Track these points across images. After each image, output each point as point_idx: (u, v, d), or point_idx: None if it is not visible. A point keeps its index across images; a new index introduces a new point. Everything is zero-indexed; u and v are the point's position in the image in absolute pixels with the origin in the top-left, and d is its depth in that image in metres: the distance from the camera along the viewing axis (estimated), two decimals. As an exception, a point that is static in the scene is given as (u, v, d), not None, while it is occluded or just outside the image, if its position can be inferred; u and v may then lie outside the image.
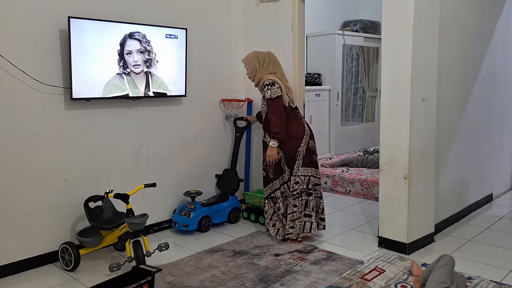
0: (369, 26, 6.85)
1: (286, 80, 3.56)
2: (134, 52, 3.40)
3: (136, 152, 3.62)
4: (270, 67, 3.47)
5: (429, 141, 3.36)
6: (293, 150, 3.39)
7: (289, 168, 3.42)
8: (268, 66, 3.46)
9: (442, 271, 2.49)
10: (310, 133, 3.48)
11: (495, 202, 4.62)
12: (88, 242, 3.06)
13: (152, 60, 3.53)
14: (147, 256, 2.89)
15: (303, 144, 3.40)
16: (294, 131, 3.40)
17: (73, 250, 2.97)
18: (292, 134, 3.39)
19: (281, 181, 3.49)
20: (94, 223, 3.08)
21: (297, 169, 3.38)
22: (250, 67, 3.52)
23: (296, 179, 3.39)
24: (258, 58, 3.48)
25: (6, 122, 2.92)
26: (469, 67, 4.02)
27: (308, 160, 3.42)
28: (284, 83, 3.45)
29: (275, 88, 3.33)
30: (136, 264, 2.74)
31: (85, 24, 3.10)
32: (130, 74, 3.41)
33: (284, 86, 3.41)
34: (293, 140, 3.39)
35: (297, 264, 3.09)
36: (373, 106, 7.31)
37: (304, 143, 3.40)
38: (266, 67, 3.46)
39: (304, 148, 3.39)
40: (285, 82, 3.50)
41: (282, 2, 4.01)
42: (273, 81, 3.36)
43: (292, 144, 3.39)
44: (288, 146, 3.39)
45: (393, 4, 3.16)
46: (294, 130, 3.40)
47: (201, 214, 3.77)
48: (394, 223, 3.30)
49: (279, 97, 3.33)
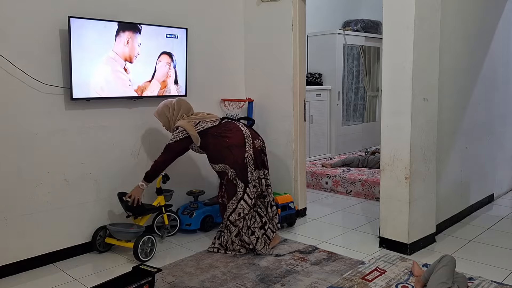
0: (370, 26, 6.84)
1: (195, 113, 3.43)
2: (135, 51, 3.40)
3: (136, 152, 3.62)
4: (176, 113, 3.37)
5: (430, 141, 3.35)
6: (240, 159, 3.22)
7: (242, 178, 3.22)
8: (177, 114, 3.37)
9: (443, 272, 2.48)
10: (252, 133, 3.35)
11: (497, 202, 4.61)
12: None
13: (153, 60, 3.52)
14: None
15: (248, 148, 3.25)
16: (231, 140, 3.24)
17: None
18: (231, 144, 3.23)
19: (234, 203, 3.25)
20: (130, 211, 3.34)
21: (251, 174, 3.24)
22: (162, 120, 3.42)
23: (253, 184, 3.25)
24: (168, 108, 3.38)
25: (6, 122, 2.91)
26: (471, 67, 4.01)
27: (259, 162, 3.31)
28: (190, 120, 3.31)
29: (177, 133, 3.28)
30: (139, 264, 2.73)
31: (85, 24, 3.10)
32: (131, 74, 3.41)
33: (191, 123, 3.28)
34: (235, 149, 3.23)
35: (298, 264, 3.08)
36: (374, 106, 7.30)
37: (248, 147, 3.25)
38: (176, 114, 3.37)
39: (251, 152, 3.25)
40: (192, 117, 3.35)
41: (283, 2, 4.01)
42: (176, 126, 3.30)
43: (236, 154, 3.22)
44: (232, 158, 3.22)
45: (394, 4, 3.15)
46: (231, 140, 3.24)
47: (204, 213, 3.77)
48: (395, 223, 3.29)
49: (176, 142, 3.26)
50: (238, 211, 3.24)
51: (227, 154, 3.24)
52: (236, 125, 3.36)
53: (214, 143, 3.28)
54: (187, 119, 3.33)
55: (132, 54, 3.39)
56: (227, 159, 3.24)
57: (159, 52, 3.56)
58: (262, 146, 3.39)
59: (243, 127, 3.36)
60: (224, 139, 3.26)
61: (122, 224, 3.36)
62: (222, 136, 3.28)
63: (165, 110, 3.38)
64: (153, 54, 3.53)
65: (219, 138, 3.27)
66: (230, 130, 3.30)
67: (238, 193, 3.24)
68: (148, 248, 3.22)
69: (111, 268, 3.09)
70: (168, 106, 3.38)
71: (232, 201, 3.26)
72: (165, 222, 3.59)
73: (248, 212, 3.25)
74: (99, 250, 3.34)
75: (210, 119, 3.36)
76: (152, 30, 3.49)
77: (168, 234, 3.67)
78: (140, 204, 3.29)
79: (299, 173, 4.14)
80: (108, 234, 3.35)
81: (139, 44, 3.42)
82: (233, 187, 3.26)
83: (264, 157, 3.41)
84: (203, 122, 3.32)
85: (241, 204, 3.23)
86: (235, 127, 3.33)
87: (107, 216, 3.47)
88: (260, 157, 3.34)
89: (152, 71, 3.55)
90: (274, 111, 4.16)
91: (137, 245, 3.12)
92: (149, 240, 3.22)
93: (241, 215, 3.24)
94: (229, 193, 3.28)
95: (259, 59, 4.28)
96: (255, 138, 3.35)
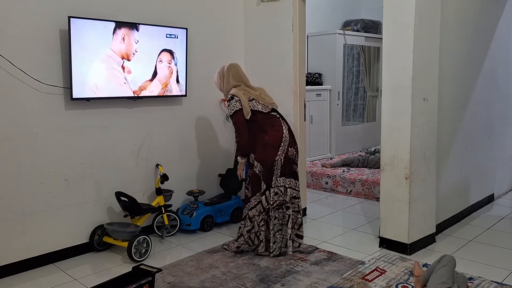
0: (370, 26, 6.84)
1: (253, 88, 3.34)
2: (135, 51, 3.40)
3: (136, 152, 3.62)
4: (230, 80, 3.29)
5: (430, 141, 3.35)
6: (270, 160, 3.14)
7: (266, 179, 3.17)
8: (228, 80, 3.29)
9: (443, 272, 2.48)
10: (290, 140, 3.21)
11: (497, 202, 4.61)
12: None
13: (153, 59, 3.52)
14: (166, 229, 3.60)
15: (281, 152, 3.15)
16: (269, 139, 3.16)
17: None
18: (267, 142, 3.16)
19: (257, 199, 3.22)
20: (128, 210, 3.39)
21: (275, 179, 3.17)
22: (218, 87, 3.41)
23: (275, 190, 3.17)
24: (219, 74, 3.35)
25: (6, 122, 2.91)
26: (471, 67, 4.01)
27: (287, 171, 3.20)
28: (247, 92, 3.23)
29: (233, 102, 3.16)
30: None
31: (85, 24, 3.10)
32: (131, 74, 3.41)
33: (246, 96, 3.20)
34: (268, 148, 3.15)
35: (298, 264, 3.08)
36: (374, 106, 7.30)
37: (281, 151, 3.16)
38: (226, 81, 3.30)
39: (282, 157, 3.16)
40: (250, 91, 3.27)
41: (283, 2, 4.01)
42: (232, 95, 3.20)
43: (267, 154, 3.15)
44: (263, 156, 3.16)
45: (394, 4, 3.15)
46: (269, 138, 3.16)
47: (204, 213, 3.77)
48: (395, 223, 3.29)
49: (236, 112, 3.16)
50: (259, 208, 3.21)
51: (260, 150, 3.18)
52: (280, 124, 3.24)
53: (254, 131, 3.20)
54: (243, 90, 3.22)
55: (129, 51, 3.38)
56: (257, 154, 3.19)
57: (159, 51, 3.56)
58: (294, 155, 3.26)
59: (285, 129, 3.23)
60: (263, 135, 3.18)
61: (119, 224, 3.36)
62: (263, 130, 3.18)
63: (218, 76, 3.35)
64: (153, 54, 3.53)
65: (259, 129, 3.19)
66: (273, 126, 3.20)
67: (259, 194, 3.21)
68: (143, 249, 3.22)
69: (111, 268, 3.09)
70: (219, 71, 3.35)
71: (255, 196, 3.21)
72: (165, 222, 3.60)
73: (259, 214, 3.22)
74: (97, 248, 3.35)
75: (263, 103, 3.24)
76: (152, 30, 3.49)
77: (168, 234, 3.67)
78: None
79: (299, 173, 4.13)
80: (106, 233, 3.35)
81: (136, 41, 3.40)
82: (258, 182, 3.20)
83: (295, 168, 3.28)
84: (256, 102, 3.21)
85: (259, 206, 3.21)
86: (278, 126, 3.21)
87: (107, 216, 3.47)
88: (289, 166, 3.22)
89: (152, 71, 3.54)
90: (274, 111, 4.16)
91: (131, 245, 3.12)
92: (145, 241, 3.21)
93: (253, 219, 3.24)
94: (254, 187, 3.21)
95: (259, 59, 4.28)
96: (291, 146, 3.22)
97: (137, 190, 3.61)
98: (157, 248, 3.44)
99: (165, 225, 3.60)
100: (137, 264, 2.67)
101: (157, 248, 3.44)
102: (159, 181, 3.57)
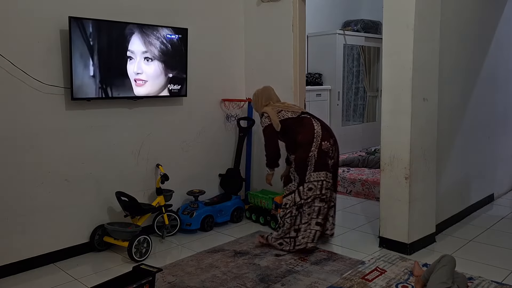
0: (370, 26, 6.84)
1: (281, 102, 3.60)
2: (135, 51, 3.40)
3: (136, 152, 3.62)
4: (263, 101, 3.57)
5: (430, 141, 3.35)
6: (304, 157, 3.30)
7: (300, 175, 3.31)
8: (261, 101, 3.58)
9: (443, 271, 2.49)
10: (322, 134, 3.34)
11: (497, 202, 4.61)
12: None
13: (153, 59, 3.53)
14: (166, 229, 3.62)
15: (314, 148, 3.29)
16: (301, 138, 3.33)
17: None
18: (300, 141, 3.34)
19: (288, 190, 3.41)
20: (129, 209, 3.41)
21: (309, 175, 3.29)
22: (254, 107, 3.69)
23: (309, 185, 3.29)
24: (255, 96, 3.64)
25: (7, 122, 2.92)
26: (471, 67, 4.01)
27: (321, 163, 3.30)
28: (275, 107, 3.48)
29: (263, 119, 3.47)
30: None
31: (85, 24, 3.10)
32: (131, 74, 3.41)
33: (274, 110, 3.44)
34: (303, 147, 3.32)
35: (298, 264, 3.08)
36: (374, 106, 7.30)
37: (315, 147, 3.29)
38: (260, 103, 3.59)
39: (315, 152, 3.29)
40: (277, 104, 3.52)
41: (283, 2, 4.01)
42: (262, 112, 3.51)
43: (302, 151, 3.32)
44: (298, 154, 3.34)
45: (394, 4, 3.15)
46: (302, 137, 3.33)
47: (204, 213, 3.78)
48: (395, 223, 3.29)
49: (266, 127, 3.43)
50: (286, 200, 3.37)
51: (295, 149, 3.38)
52: (311, 122, 3.40)
53: (289, 135, 3.42)
54: (272, 106, 3.49)
55: (132, 53, 3.39)
56: (295, 154, 3.38)
57: (159, 52, 3.56)
58: (329, 148, 3.35)
59: (316, 126, 3.38)
60: (297, 135, 3.36)
61: (120, 224, 3.37)
62: (296, 131, 3.38)
63: (254, 98, 3.63)
64: (154, 54, 3.53)
65: (293, 132, 3.39)
66: (304, 126, 3.38)
67: (292, 185, 3.38)
68: (144, 249, 3.22)
69: (112, 268, 3.09)
70: (255, 93, 3.65)
71: (286, 188, 3.45)
72: (165, 222, 3.60)
73: (290, 208, 3.34)
74: (97, 248, 3.35)
75: (292, 110, 3.47)
76: (153, 30, 3.49)
77: (168, 234, 3.67)
78: (271, 185, 3.61)
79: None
80: (106, 233, 3.35)
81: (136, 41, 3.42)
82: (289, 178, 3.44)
83: (328, 160, 3.35)
84: (285, 111, 3.44)
85: (292, 196, 3.35)
86: (309, 124, 3.39)
87: (107, 216, 3.47)
88: (324, 159, 3.32)
89: (152, 71, 3.55)
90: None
91: (132, 245, 3.13)
92: (145, 240, 3.22)
93: (286, 205, 3.35)
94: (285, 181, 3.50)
95: (259, 59, 4.29)
96: (325, 140, 3.34)
97: (138, 190, 3.62)
98: (157, 248, 3.45)
99: (166, 225, 3.60)
100: (138, 264, 2.67)
101: (157, 248, 3.45)
102: (160, 181, 3.57)
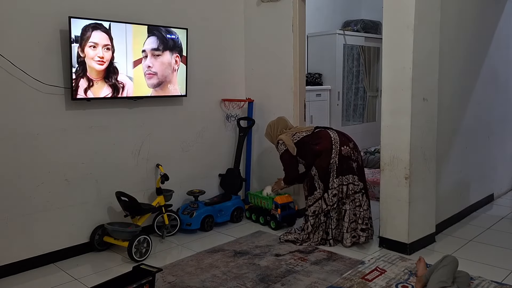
0: (370, 26, 6.84)
1: (294, 127, 3.77)
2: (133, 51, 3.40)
3: (136, 152, 3.62)
4: (278, 130, 3.70)
5: (430, 141, 3.35)
6: (325, 165, 3.37)
7: (324, 182, 3.38)
8: (276, 131, 3.71)
9: (443, 271, 2.49)
10: (340, 140, 3.42)
11: (496, 202, 4.61)
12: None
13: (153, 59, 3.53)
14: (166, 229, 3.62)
15: (334, 155, 3.36)
16: (320, 147, 3.40)
17: None
18: (318, 151, 3.40)
19: (314, 198, 3.43)
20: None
21: (332, 181, 3.36)
22: (268, 138, 3.79)
23: (333, 192, 3.36)
24: (270, 127, 3.76)
25: (7, 122, 2.92)
26: (471, 67, 4.01)
27: (344, 168, 3.36)
28: (288, 132, 3.62)
29: (279, 146, 3.59)
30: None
31: (85, 24, 3.10)
32: (131, 74, 3.41)
33: (289, 135, 3.56)
34: (323, 155, 3.38)
35: (298, 264, 3.08)
36: (374, 106, 7.30)
37: (335, 153, 3.36)
38: (275, 133, 3.71)
39: (336, 158, 3.36)
40: (290, 131, 3.62)
41: (283, 2, 4.01)
42: (277, 140, 3.62)
43: (322, 160, 3.37)
44: (319, 162, 3.39)
45: (394, 4, 3.15)
46: (320, 146, 3.40)
47: (204, 213, 3.78)
48: (395, 223, 3.29)
49: (283, 153, 3.55)
50: (314, 208, 3.41)
51: (315, 160, 3.42)
52: (326, 132, 3.51)
53: (306, 150, 3.48)
54: (285, 133, 3.63)
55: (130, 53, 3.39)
56: (315, 163, 3.43)
57: (159, 52, 3.56)
58: (350, 152, 3.42)
59: (332, 134, 3.47)
60: (315, 147, 3.43)
61: (120, 223, 3.37)
62: (314, 143, 3.45)
63: (268, 129, 3.76)
64: (154, 54, 3.53)
65: (311, 146, 3.46)
66: (320, 137, 3.47)
67: (317, 192, 3.41)
68: (144, 248, 3.22)
69: (112, 268, 3.09)
70: (270, 125, 3.78)
71: (311, 197, 3.44)
72: (165, 222, 3.60)
73: (317, 214, 3.42)
74: (97, 248, 3.35)
75: (306, 130, 3.62)
76: (153, 30, 3.49)
77: (169, 234, 3.67)
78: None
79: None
80: (106, 233, 3.35)
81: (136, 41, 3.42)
82: (313, 184, 3.44)
83: (352, 163, 3.41)
84: (299, 133, 3.58)
85: (319, 203, 3.40)
86: (325, 134, 3.49)
87: (107, 216, 3.47)
88: (346, 163, 3.38)
89: (152, 71, 3.55)
90: (274, 111, 4.16)
91: (132, 245, 3.13)
92: (145, 240, 3.22)
93: (316, 213, 3.41)
94: (310, 188, 3.47)
95: (259, 59, 4.29)
96: (344, 145, 3.41)
97: (138, 190, 3.62)
98: (157, 248, 3.45)
99: (166, 225, 3.61)
100: (138, 263, 2.67)
101: (157, 248, 3.45)
102: (160, 181, 3.57)
